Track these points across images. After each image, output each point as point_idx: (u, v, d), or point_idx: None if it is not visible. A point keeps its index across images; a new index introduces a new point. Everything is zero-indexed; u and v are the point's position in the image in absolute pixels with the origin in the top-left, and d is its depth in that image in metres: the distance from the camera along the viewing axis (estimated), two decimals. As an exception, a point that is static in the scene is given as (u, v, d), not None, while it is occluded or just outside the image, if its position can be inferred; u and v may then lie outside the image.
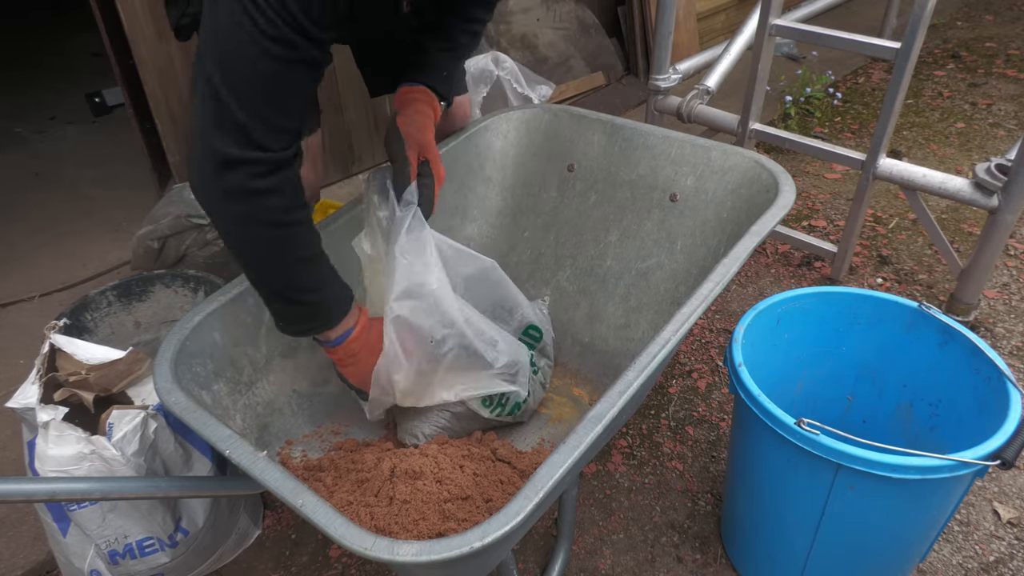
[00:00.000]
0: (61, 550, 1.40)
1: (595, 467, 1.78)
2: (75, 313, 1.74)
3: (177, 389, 1.07)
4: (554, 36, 3.30)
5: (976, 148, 3.01)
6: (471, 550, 0.81)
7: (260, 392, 1.34)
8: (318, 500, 0.87)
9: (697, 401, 1.97)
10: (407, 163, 1.25)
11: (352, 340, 1.20)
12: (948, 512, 1.29)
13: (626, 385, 1.01)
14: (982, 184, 1.92)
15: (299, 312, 1.13)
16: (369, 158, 2.91)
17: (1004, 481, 1.71)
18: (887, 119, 1.99)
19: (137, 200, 2.79)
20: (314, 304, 1.13)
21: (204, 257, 2.20)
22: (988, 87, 3.48)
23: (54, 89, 3.89)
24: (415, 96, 1.32)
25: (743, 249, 1.23)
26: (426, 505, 1.13)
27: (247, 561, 1.62)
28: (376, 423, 1.47)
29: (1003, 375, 1.24)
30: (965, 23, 4.22)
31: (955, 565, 1.55)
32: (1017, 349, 2.06)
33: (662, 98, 2.54)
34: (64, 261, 2.54)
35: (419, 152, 1.28)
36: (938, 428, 1.43)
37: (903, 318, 1.42)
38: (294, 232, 1.05)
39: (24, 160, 3.24)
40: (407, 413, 1.42)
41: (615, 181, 1.62)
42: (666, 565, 1.58)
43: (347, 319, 1.18)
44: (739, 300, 2.32)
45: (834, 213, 2.68)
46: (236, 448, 0.97)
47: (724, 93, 2.64)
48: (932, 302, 2.10)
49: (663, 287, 1.56)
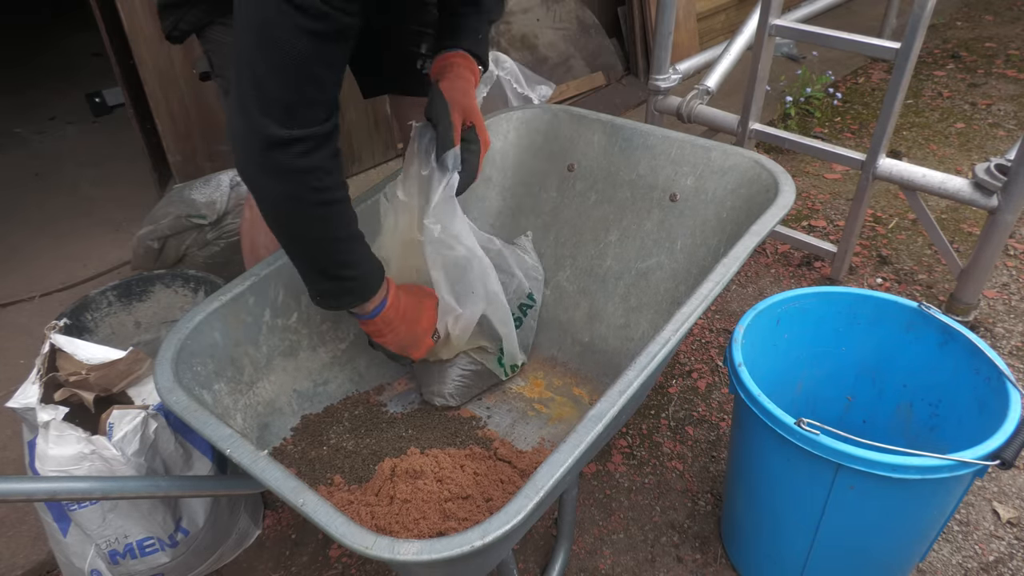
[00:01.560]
0: (61, 550, 1.40)
1: (595, 467, 1.79)
2: (75, 313, 1.74)
3: (178, 388, 1.08)
4: (554, 36, 3.30)
5: (976, 148, 3.01)
6: (472, 549, 0.81)
7: (261, 392, 1.34)
8: (319, 499, 0.87)
9: (697, 401, 1.97)
10: (451, 127, 1.24)
11: (387, 310, 1.24)
12: (948, 512, 1.29)
13: (626, 384, 1.01)
14: (982, 184, 1.92)
15: (338, 287, 1.16)
16: (369, 158, 2.91)
17: (1004, 481, 1.71)
18: (887, 119, 1.99)
19: (137, 200, 2.79)
20: (352, 279, 1.16)
21: (204, 257, 2.21)
22: (988, 87, 3.48)
23: (54, 89, 3.89)
24: (455, 61, 1.31)
25: (743, 249, 1.23)
26: (427, 504, 1.13)
27: (247, 561, 1.62)
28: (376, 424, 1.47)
29: (1003, 375, 1.24)
30: (965, 23, 4.22)
31: (955, 565, 1.55)
32: (1017, 349, 2.06)
33: (662, 98, 2.54)
34: (64, 261, 2.54)
35: (464, 117, 1.28)
36: (938, 428, 1.43)
37: (903, 318, 1.43)
38: (338, 210, 1.08)
39: (24, 160, 3.25)
40: (429, 374, 1.51)
41: (615, 181, 1.62)
42: (666, 565, 1.58)
43: (380, 291, 1.21)
44: (739, 300, 2.32)
45: (834, 213, 2.68)
46: (237, 447, 0.97)
47: (724, 93, 2.64)
48: (932, 302, 2.10)
49: (663, 287, 1.56)
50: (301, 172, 1.00)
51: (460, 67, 1.31)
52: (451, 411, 1.52)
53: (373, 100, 2.72)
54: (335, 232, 1.10)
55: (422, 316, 1.33)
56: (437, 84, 1.28)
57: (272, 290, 1.33)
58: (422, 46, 1.49)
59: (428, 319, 1.34)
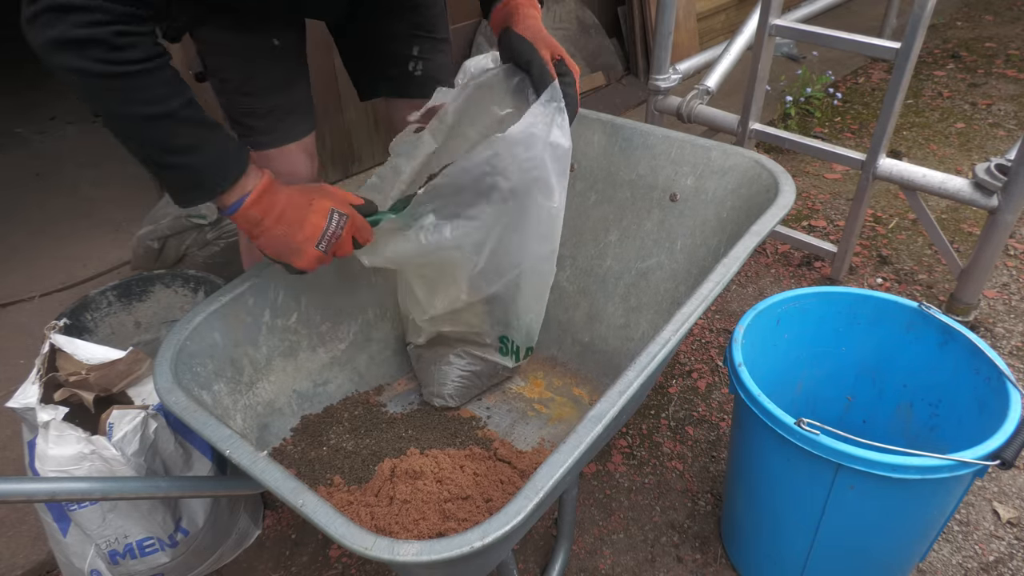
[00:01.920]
0: (61, 550, 1.40)
1: (595, 467, 1.78)
2: (75, 313, 1.74)
3: (177, 389, 1.07)
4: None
5: (976, 148, 3.01)
6: (471, 550, 0.81)
7: (260, 392, 1.34)
8: (318, 500, 0.87)
9: (697, 401, 1.97)
10: (545, 64, 1.22)
11: (248, 207, 1.09)
12: (948, 512, 1.29)
13: (626, 384, 1.01)
14: (982, 184, 1.92)
15: (172, 177, 1.05)
16: (369, 158, 2.91)
17: (1004, 481, 1.71)
18: (887, 119, 1.99)
19: (137, 200, 2.79)
20: (186, 167, 1.04)
21: (204, 257, 2.21)
22: (988, 87, 3.48)
23: (54, 89, 3.89)
24: (517, 2, 1.29)
25: (743, 249, 1.23)
26: (426, 505, 1.13)
27: (247, 561, 1.62)
28: (376, 425, 1.47)
29: (1003, 375, 1.24)
30: (965, 23, 4.22)
31: (955, 565, 1.55)
32: (1017, 349, 2.06)
33: (662, 98, 2.54)
34: (64, 261, 2.54)
35: (551, 51, 1.25)
36: (938, 428, 1.43)
37: (903, 318, 1.42)
38: (131, 84, 0.95)
39: (24, 160, 3.25)
40: (429, 375, 1.48)
41: (615, 181, 1.62)
42: (666, 565, 1.58)
43: (241, 183, 1.08)
44: (739, 300, 2.32)
45: (834, 213, 2.68)
46: (236, 448, 0.97)
47: (724, 93, 2.64)
48: (932, 302, 2.10)
49: (663, 287, 1.56)
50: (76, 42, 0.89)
51: (525, 6, 1.29)
52: (451, 411, 1.52)
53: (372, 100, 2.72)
54: (138, 110, 0.97)
55: (307, 220, 1.13)
56: (509, 30, 1.26)
57: (272, 291, 1.33)
58: (414, 48, 1.48)
59: (314, 225, 1.13)
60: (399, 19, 1.45)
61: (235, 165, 1.08)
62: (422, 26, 1.47)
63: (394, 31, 1.46)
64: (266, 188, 1.11)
